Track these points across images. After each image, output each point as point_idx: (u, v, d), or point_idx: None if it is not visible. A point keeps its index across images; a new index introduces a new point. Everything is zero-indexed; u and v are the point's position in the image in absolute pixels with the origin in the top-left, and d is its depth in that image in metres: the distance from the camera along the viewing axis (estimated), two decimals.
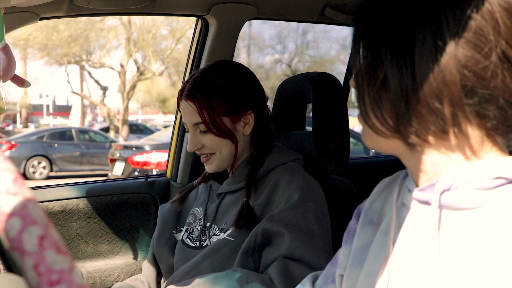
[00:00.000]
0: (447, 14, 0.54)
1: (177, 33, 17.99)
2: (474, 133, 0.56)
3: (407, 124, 0.57)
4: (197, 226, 1.36)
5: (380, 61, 0.57)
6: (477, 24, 0.53)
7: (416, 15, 0.55)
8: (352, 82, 0.63)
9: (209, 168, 1.34)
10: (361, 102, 0.61)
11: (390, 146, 0.61)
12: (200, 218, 1.36)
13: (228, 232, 1.26)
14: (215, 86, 1.28)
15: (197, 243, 1.32)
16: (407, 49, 0.55)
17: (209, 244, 1.29)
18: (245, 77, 1.32)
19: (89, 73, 20.01)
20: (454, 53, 0.53)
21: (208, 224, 1.33)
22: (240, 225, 1.23)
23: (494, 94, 0.53)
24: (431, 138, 0.57)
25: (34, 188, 1.81)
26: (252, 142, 1.35)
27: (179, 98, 1.33)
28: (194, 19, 1.82)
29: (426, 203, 0.60)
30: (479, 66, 0.53)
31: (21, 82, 1.17)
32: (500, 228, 0.53)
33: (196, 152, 1.33)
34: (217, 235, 1.29)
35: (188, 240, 1.35)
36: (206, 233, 1.32)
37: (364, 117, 0.61)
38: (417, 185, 0.62)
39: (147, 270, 1.46)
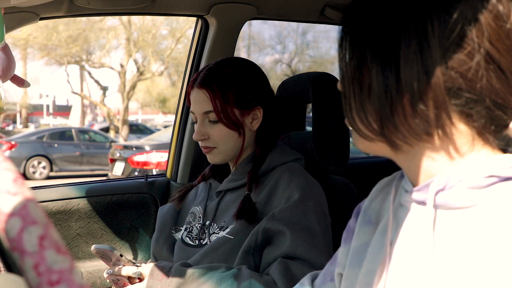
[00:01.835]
0: (432, 17, 0.54)
1: (177, 33, 18.00)
2: (463, 132, 0.56)
3: (391, 127, 0.57)
4: (196, 225, 1.36)
5: (366, 65, 0.58)
6: (462, 26, 0.53)
7: (402, 18, 0.56)
8: (339, 86, 0.63)
9: (211, 158, 1.35)
10: (347, 107, 0.61)
11: (377, 149, 0.62)
12: (200, 217, 1.36)
13: (228, 230, 1.26)
14: (229, 76, 1.30)
15: (197, 241, 1.32)
16: (392, 52, 0.56)
17: (208, 243, 1.29)
18: (257, 73, 1.35)
19: (89, 73, 20.01)
20: (439, 55, 0.54)
21: (207, 223, 1.33)
22: (241, 216, 1.23)
23: (481, 95, 0.54)
24: (415, 141, 0.58)
25: (34, 188, 1.81)
26: (256, 140, 1.36)
27: (190, 87, 1.33)
28: (194, 19, 1.82)
29: (422, 203, 0.60)
30: (464, 67, 0.53)
31: (20, 82, 1.17)
32: (493, 227, 0.54)
33: (199, 143, 1.34)
34: (216, 233, 1.29)
35: (187, 238, 1.35)
36: (206, 231, 1.32)
37: (350, 122, 0.61)
38: (413, 185, 0.63)
39: None
